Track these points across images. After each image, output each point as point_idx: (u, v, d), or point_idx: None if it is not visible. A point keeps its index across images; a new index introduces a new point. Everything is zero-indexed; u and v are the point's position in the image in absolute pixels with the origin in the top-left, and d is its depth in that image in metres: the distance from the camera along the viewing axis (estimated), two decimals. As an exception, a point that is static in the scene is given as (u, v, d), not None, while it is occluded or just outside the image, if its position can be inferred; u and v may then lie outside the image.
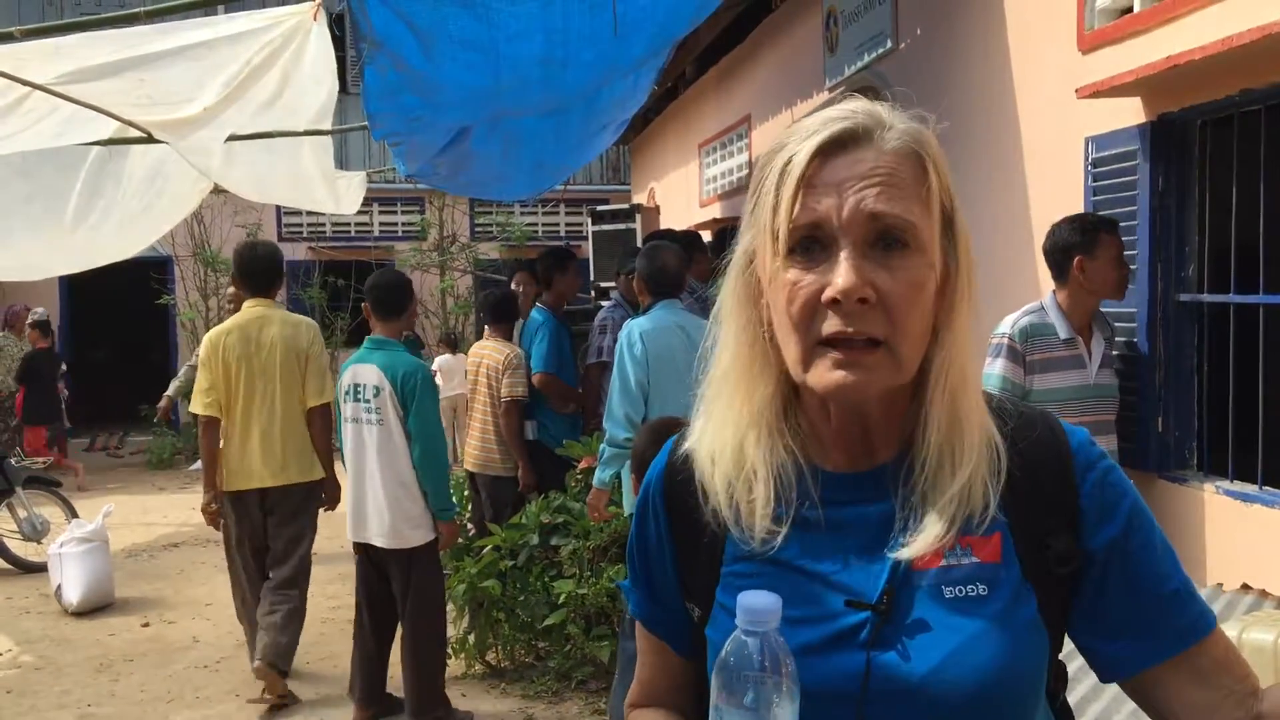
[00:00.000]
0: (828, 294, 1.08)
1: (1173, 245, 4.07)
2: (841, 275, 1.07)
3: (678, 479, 1.29)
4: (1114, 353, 4.03)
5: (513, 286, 7.32)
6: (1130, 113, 4.12)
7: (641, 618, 1.37)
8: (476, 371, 6.50)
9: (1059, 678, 1.27)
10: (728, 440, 1.22)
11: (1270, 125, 3.70)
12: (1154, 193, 4.05)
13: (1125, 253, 4.11)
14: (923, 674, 1.11)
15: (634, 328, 4.69)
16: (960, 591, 1.14)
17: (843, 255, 1.08)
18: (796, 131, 1.15)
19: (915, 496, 1.16)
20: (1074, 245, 3.82)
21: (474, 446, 6.48)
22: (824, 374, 1.10)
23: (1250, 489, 3.78)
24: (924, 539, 1.13)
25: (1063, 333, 3.83)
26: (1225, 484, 3.88)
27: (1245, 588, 3.34)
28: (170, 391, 7.53)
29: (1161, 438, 4.10)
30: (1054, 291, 3.91)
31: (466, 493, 6.76)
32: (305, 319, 5.50)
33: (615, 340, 5.98)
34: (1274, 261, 3.71)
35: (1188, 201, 4.05)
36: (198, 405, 5.33)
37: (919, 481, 1.16)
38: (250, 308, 5.35)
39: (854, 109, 1.14)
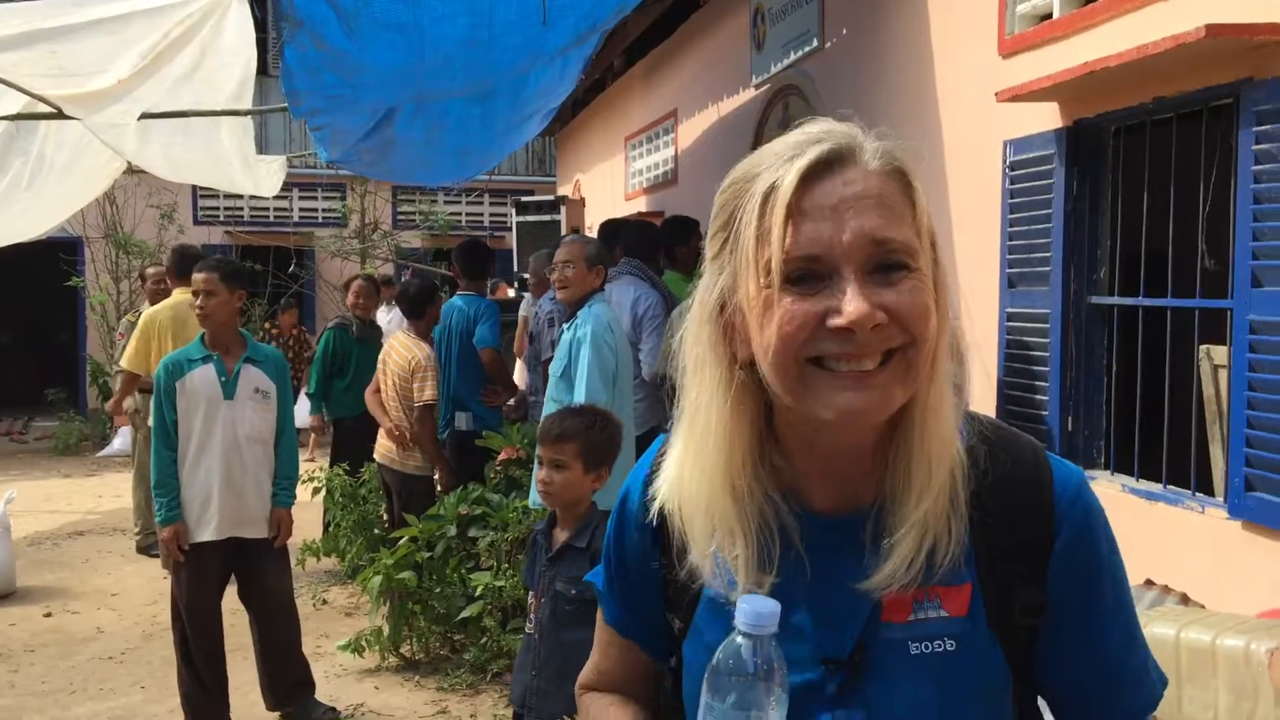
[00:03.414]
0: (838, 322, 0.99)
1: (1085, 248, 4.17)
2: (852, 303, 0.98)
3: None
4: None
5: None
6: (1047, 117, 4.20)
7: (613, 623, 1.34)
8: (383, 367, 6.28)
9: None
10: (703, 502, 1.13)
11: (1181, 133, 3.79)
12: (1068, 196, 4.13)
13: (1039, 254, 4.21)
14: None
15: (602, 315, 4.66)
16: (927, 648, 1.09)
17: (848, 283, 1.00)
18: (767, 157, 1.07)
19: (885, 539, 1.09)
20: None
21: (386, 442, 6.28)
22: (830, 398, 1.01)
23: (1155, 488, 3.88)
24: (889, 568, 1.07)
25: None
26: (1131, 482, 3.98)
27: (1149, 583, 3.43)
28: (129, 408, 7.43)
29: (1070, 437, 4.19)
30: None
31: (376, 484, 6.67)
32: None
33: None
34: (1182, 266, 3.81)
35: (1100, 206, 4.15)
36: (126, 361, 6.84)
37: (892, 523, 1.09)
38: (182, 294, 6.47)
39: (827, 129, 1.06)
